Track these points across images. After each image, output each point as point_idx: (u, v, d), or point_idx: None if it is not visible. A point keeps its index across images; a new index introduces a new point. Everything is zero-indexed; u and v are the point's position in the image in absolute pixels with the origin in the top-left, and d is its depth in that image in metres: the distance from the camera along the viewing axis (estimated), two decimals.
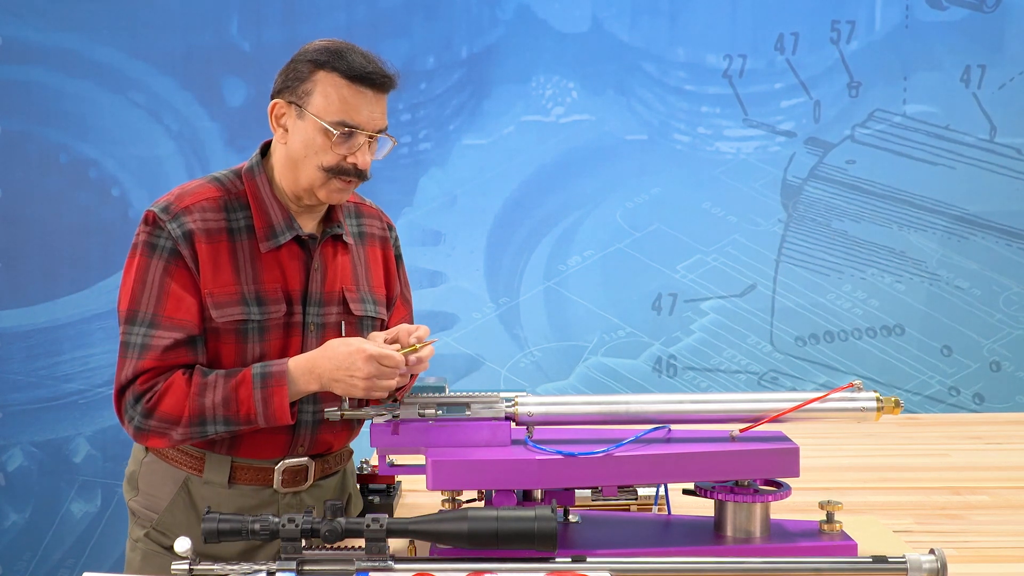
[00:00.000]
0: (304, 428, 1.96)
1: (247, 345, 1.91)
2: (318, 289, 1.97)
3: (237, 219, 1.93)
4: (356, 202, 2.12)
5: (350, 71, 1.86)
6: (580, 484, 1.76)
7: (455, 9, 4.02)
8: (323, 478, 2.05)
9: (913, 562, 1.58)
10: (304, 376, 1.84)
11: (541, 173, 4.09)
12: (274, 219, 1.94)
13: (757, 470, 1.76)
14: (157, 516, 2.00)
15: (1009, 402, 4.11)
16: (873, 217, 4.10)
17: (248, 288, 1.91)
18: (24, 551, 4.03)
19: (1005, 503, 2.29)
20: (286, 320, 1.94)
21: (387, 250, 2.13)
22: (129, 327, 1.89)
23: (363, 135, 1.88)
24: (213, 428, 1.86)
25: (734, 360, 4.13)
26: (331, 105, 1.87)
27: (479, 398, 1.81)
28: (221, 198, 1.93)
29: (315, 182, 1.91)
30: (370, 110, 1.88)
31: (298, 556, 1.54)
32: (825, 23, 4.05)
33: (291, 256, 1.95)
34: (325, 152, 1.88)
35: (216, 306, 1.89)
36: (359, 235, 2.09)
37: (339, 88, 1.87)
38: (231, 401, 1.84)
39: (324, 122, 1.87)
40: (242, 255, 1.92)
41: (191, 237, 1.88)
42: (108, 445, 3.99)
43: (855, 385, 1.81)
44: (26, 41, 3.93)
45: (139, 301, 1.88)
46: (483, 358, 4.09)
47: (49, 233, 3.93)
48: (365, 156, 1.89)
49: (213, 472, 1.96)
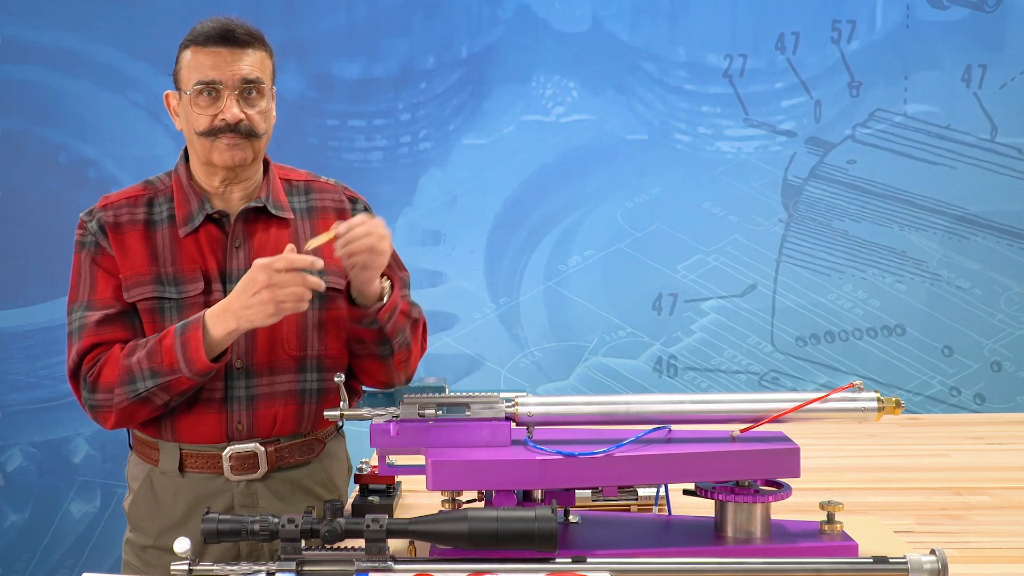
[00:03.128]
0: (237, 404, 1.99)
1: (164, 323, 1.97)
2: (240, 266, 2.01)
3: (160, 211, 2.04)
4: (308, 179, 2.16)
5: (199, 37, 1.97)
6: (580, 484, 1.76)
7: (455, 9, 4.01)
8: (286, 469, 2.05)
9: (914, 562, 1.57)
10: (219, 317, 1.89)
11: (541, 173, 4.09)
12: (191, 205, 2.02)
13: (758, 470, 1.76)
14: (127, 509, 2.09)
15: (1010, 402, 4.10)
16: (874, 217, 4.10)
17: (165, 270, 1.99)
18: (23, 552, 4.02)
19: (1006, 503, 2.29)
20: (205, 299, 1.99)
21: (348, 219, 2.10)
22: (72, 316, 2.01)
23: (225, 90, 1.94)
24: (143, 384, 1.90)
25: (735, 360, 4.12)
26: (191, 73, 1.96)
27: (479, 398, 1.80)
28: (144, 195, 2.06)
29: (204, 151, 1.98)
30: (228, 65, 1.94)
31: (298, 556, 1.54)
32: (826, 23, 4.05)
33: (209, 237, 2.02)
34: (198, 118, 1.96)
35: (127, 288, 1.98)
36: (306, 210, 2.11)
37: (195, 56, 1.96)
38: (155, 353, 1.90)
39: (188, 90, 1.96)
40: (161, 242, 2.01)
41: (105, 230, 2.01)
42: (107, 445, 3.98)
43: (856, 385, 1.80)
44: (25, 40, 3.92)
45: (77, 292, 2.02)
46: (483, 358, 4.09)
47: (48, 233, 3.93)
48: (232, 109, 1.94)
49: (166, 461, 2.02)
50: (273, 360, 2.01)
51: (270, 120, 2.03)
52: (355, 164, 3.98)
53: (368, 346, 2.05)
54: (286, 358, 2.02)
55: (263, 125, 1.99)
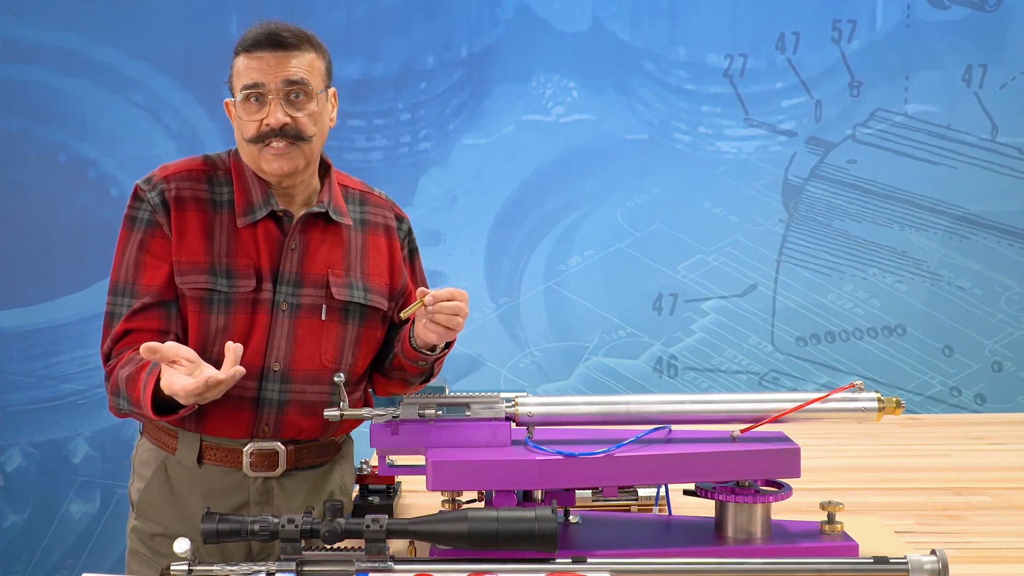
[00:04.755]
0: (268, 407, 1.97)
1: (211, 315, 1.93)
2: (293, 269, 1.98)
3: (221, 193, 1.98)
4: (363, 190, 2.14)
5: (245, 43, 1.93)
6: (580, 485, 1.76)
7: (455, 8, 4.01)
8: (302, 469, 2.04)
9: (914, 563, 1.57)
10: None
11: (541, 173, 4.09)
12: (253, 196, 1.98)
13: (758, 470, 1.76)
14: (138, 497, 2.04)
15: (1011, 402, 4.10)
16: (874, 217, 4.10)
17: (220, 260, 1.94)
18: (23, 552, 4.02)
19: (1007, 504, 2.29)
20: (254, 296, 1.95)
21: (393, 240, 2.13)
22: (113, 298, 1.96)
23: (269, 94, 1.91)
24: (126, 405, 1.86)
25: (735, 360, 4.12)
26: (239, 79, 1.94)
27: (479, 398, 1.80)
28: (206, 171, 1.99)
29: (254, 158, 1.95)
30: (272, 69, 1.91)
31: (298, 556, 1.54)
32: (826, 22, 4.04)
33: (267, 234, 1.98)
34: (246, 125, 1.93)
35: (180, 273, 1.93)
36: (360, 222, 2.09)
37: (244, 61, 1.93)
38: (133, 379, 1.84)
39: (237, 97, 1.93)
40: (219, 227, 1.96)
41: (167, 204, 1.94)
42: (107, 445, 3.97)
43: (856, 385, 1.80)
44: (25, 40, 3.92)
45: (119, 272, 1.95)
46: (483, 358, 4.09)
47: (48, 233, 3.92)
48: (276, 114, 1.91)
49: (184, 451, 1.99)
50: (309, 369, 1.99)
51: (322, 123, 1.98)
52: (355, 164, 3.97)
53: (405, 374, 2.08)
54: (322, 369, 2.00)
55: (312, 128, 1.94)
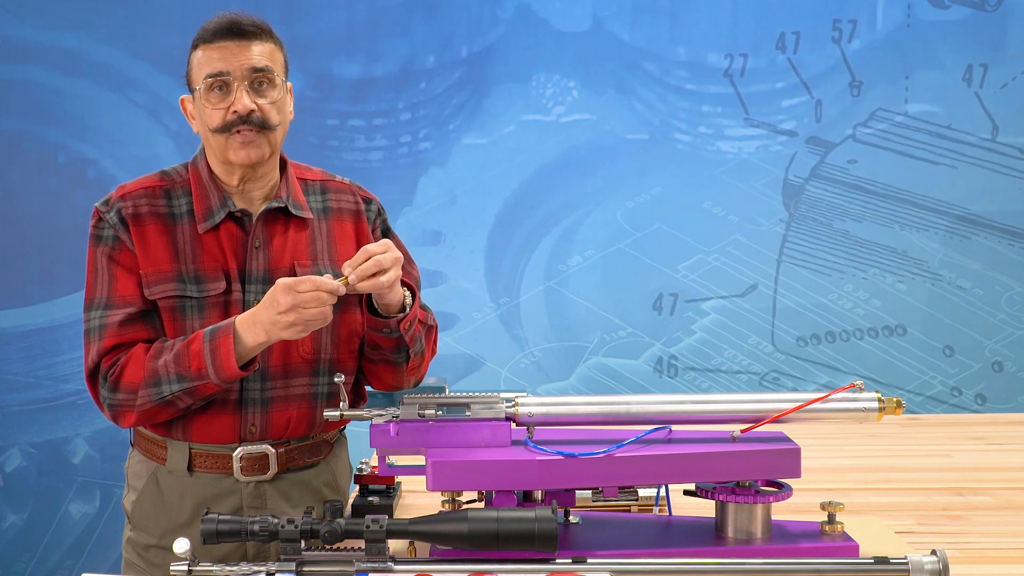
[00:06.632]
0: (252, 407, 1.97)
1: (185, 322, 1.95)
2: (260, 266, 1.99)
3: (179, 205, 2.00)
4: (324, 179, 2.14)
5: (206, 35, 1.95)
6: (581, 485, 1.75)
7: (455, 8, 4.01)
8: (295, 470, 2.04)
9: (915, 563, 1.57)
10: (248, 327, 1.86)
11: (541, 173, 4.08)
12: (211, 201, 1.99)
13: (758, 471, 1.75)
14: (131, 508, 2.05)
15: (1011, 403, 4.10)
16: (875, 217, 4.09)
17: (187, 267, 1.96)
18: (22, 552, 4.02)
19: (1007, 504, 2.28)
20: (225, 299, 1.97)
21: (361, 224, 2.12)
22: (88, 314, 1.99)
23: (234, 82, 1.92)
24: (168, 388, 1.88)
25: (735, 360, 4.12)
26: (201, 70, 1.95)
27: (479, 398, 1.80)
28: (163, 186, 2.02)
29: (220, 149, 1.96)
30: (235, 57, 1.93)
31: (298, 557, 1.53)
32: (827, 22, 4.04)
33: (230, 236, 2.00)
34: (211, 115, 1.94)
35: (148, 284, 1.95)
36: (323, 210, 2.09)
37: (204, 53, 1.95)
38: (183, 357, 1.88)
39: (199, 87, 1.94)
40: (181, 237, 1.98)
41: (125, 222, 1.97)
42: (107, 446, 3.98)
43: (857, 385, 1.80)
44: (24, 40, 3.92)
45: (94, 289, 1.99)
46: (483, 358, 4.08)
47: (47, 233, 3.92)
48: (243, 100, 1.92)
49: (174, 460, 2.00)
50: (288, 363, 2.00)
51: (284, 112, 2.00)
52: (355, 164, 3.97)
53: (384, 352, 2.05)
54: (300, 362, 2.01)
55: (276, 116, 1.96)
